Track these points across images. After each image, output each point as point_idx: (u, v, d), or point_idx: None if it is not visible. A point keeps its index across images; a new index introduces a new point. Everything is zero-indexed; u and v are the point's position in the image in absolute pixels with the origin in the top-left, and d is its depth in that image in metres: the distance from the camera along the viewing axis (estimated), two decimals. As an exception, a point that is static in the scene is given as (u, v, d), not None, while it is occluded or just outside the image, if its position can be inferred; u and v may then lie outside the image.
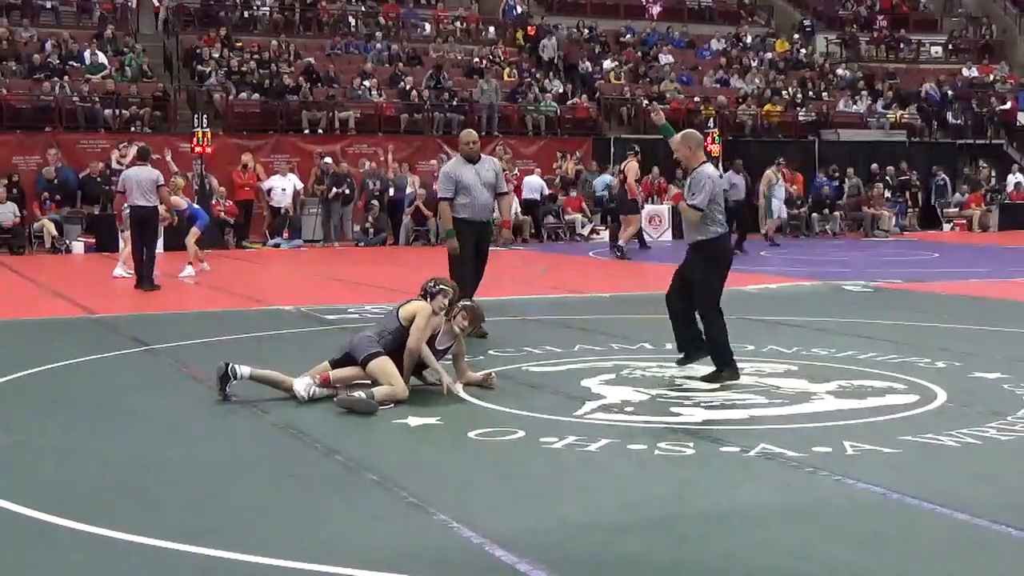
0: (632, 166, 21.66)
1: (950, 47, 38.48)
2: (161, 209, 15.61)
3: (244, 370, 7.72)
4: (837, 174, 28.64)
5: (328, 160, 25.03)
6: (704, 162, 8.84)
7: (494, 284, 13.47)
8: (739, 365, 8.75)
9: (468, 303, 8.31)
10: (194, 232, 17.13)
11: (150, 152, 16.51)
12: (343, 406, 7.31)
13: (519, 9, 33.96)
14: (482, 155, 11.19)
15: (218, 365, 7.74)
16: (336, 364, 7.82)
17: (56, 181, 23.16)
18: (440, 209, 11.18)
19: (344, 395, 7.39)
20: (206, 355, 9.88)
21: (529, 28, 32.65)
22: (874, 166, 29.20)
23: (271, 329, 11.49)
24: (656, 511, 5.27)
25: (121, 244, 17.57)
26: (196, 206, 18.38)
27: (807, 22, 37.30)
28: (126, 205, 15.40)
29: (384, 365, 7.62)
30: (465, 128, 27.89)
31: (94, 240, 22.28)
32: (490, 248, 11.24)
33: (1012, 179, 30.87)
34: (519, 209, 25.44)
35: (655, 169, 26.64)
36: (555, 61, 31.60)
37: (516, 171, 26.29)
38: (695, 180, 8.60)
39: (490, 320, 11.98)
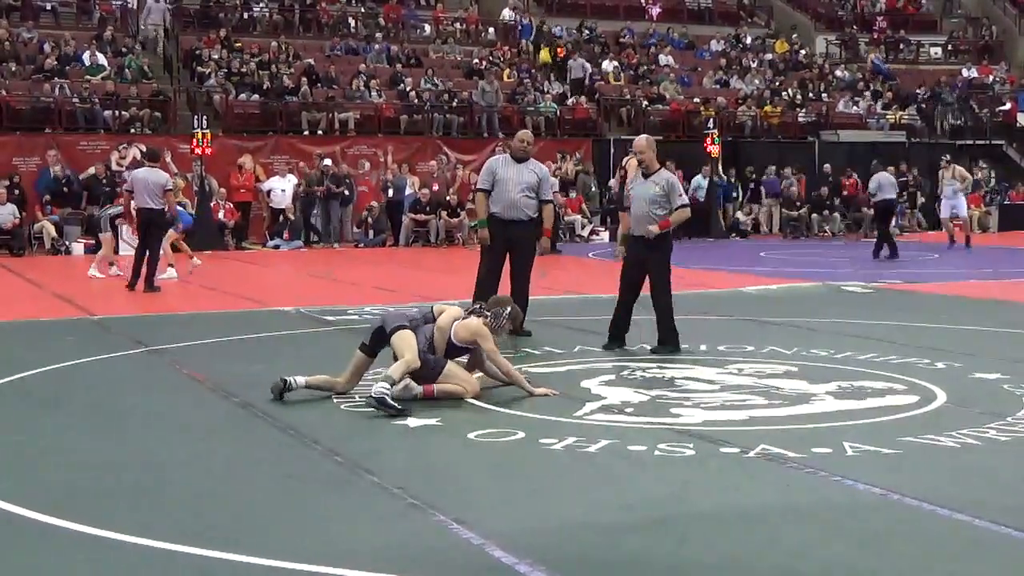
0: (632, 163, 21.62)
1: (949, 48, 38.50)
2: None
3: (300, 380, 7.83)
4: (753, 173, 28.62)
5: (328, 162, 25.05)
6: (661, 165, 10.25)
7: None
8: (739, 366, 9.00)
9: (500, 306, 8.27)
10: (171, 234, 16.88)
11: (159, 154, 16.49)
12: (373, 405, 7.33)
13: (523, 21, 33.70)
14: (533, 159, 11.20)
15: (275, 382, 7.78)
16: (366, 348, 7.87)
17: (72, 182, 23.14)
18: (476, 199, 11.31)
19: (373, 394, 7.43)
20: (206, 356, 9.91)
21: (559, 49, 32.34)
22: (827, 166, 29.15)
23: (271, 330, 11.49)
24: (656, 512, 5.27)
25: (103, 246, 17.49)
26: (179, 208, 18.24)
27: (874, 58, 36.84)
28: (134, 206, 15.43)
29: (406, 336, 7.71)
30: (465, 128, 28.10)
31: (94, 241, 22.25)
32: (534, 254, 11.09)
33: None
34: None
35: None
36: (583, 80, 31.36)
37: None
38: (671, 184, 9.88)
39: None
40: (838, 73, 34.84)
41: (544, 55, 32.10)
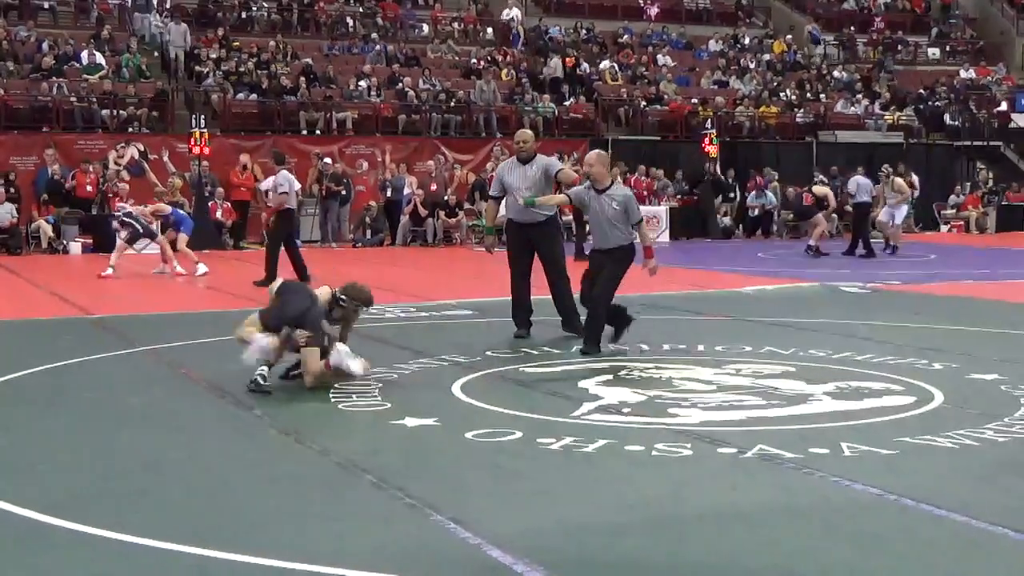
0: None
1: (947, 49, 38.53)
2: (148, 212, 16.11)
3: (263, 370, 7.98)
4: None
5: (328, 161, 25.06)
6: (614, 180, 10.06)
7: (494, 285, 13.50)
8: (736, 366, 9.00)
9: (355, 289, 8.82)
10: (183, 238, 17.29)
11: (285, 158, 17.06)
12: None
13: (514, 30, 33.58)
14: (539, 155, 10.99)
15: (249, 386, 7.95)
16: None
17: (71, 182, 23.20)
18: (486, 207, 11.20)
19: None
20: (204, 356, 9.91)
21: (568, 59, 32.20)
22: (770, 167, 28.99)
23: (269, 330, 11.47)
24: (654, 512, 5.28)
25: (156, 246, 17.73)
26: (180, 211, 18.31)
27: (811, 28, 37.01)
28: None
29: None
30: (463, 128, 28.10)
31: (91, 240, 22.25)
32: (559, 252, 10.85)
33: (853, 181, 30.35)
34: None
35: (655, 170, 26.68)
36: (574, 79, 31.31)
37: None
38: (628, 200, 9.66)
39: (490, 321, 12.01)
40: (836, 74, 34.86)
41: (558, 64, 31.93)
